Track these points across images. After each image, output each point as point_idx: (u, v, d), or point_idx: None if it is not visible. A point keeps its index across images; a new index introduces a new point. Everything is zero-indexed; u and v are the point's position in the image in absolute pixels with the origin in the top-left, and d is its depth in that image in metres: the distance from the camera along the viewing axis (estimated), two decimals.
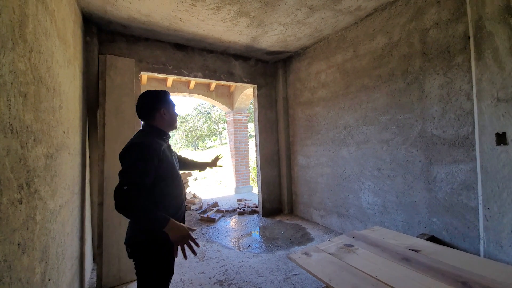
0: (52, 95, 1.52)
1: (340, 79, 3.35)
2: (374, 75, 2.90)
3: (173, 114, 1.45)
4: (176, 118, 1.48)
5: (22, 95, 1.08)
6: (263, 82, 4.39)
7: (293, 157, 4.32)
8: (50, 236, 1.39)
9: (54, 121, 1.54)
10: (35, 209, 1.19)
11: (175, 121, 1.46)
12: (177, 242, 1.16)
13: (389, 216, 2.78)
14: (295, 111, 4.24)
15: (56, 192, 1.52)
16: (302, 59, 4.04)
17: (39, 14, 1.30)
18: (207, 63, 3.81)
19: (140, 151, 1.19)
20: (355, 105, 3.14)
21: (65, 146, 1.79)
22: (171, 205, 1.32)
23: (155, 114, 1.36)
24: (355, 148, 3.16)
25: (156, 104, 1.37)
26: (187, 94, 5.91)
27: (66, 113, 1.83)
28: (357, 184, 3.13)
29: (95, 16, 2.74)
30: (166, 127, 1.41)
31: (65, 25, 1.89)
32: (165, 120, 1.40)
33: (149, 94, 1.38)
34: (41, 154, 1.28)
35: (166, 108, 1.40)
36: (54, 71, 1.58)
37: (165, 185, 1.29)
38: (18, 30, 1.06)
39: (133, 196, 1.08)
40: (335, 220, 3.48)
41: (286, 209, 4.33)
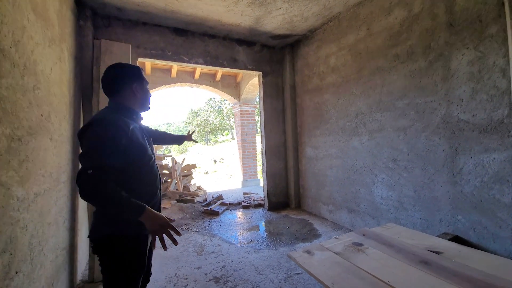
0: (22, 72, 1.37)
1: (351, 62, 3.04)
2: (390, 55, 2.57)
3: (146, 92, 1.26)
4: (150, 98, 1.28)
5: None
6: (268, 69, 4.13)
7: (301, 148, 4.06)
8: (18, 226, 1.27)
9: (25, 101, 1.41)
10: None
11: (148, 100, 1.27)
12: (156, 232, 1.01)
13: (405, 213, 2.49)
14: (302, 99, 3.96)
15: (28, 179, 1.39)
16: (310, 43, 3.74)
17: None
18: (209, 48, 3.61)
19: (104, 129, 1.02)
20: (368, 90, 2.82)
21: (45, 131, 1.66)
22: (144, 193, 1.14)
23: (125, 89, 1.17)
24: (367, 137, 2.86)
25: (127, 78, 1.18)
26: (193, 85, 5.77)
27: (46, 96, 1.70)
28: (370, 177, 2.85)
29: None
30: (138, 106, 1.23)
31: (46, 2, 1.75)
32: (137, 97, 1.21)
33: (119, 66, 1.20)
34: (0, 135, 1.14)
35: (139, 84, 1.21)
36: (26, 47, 1.43)
37: (135, 170, 1.11)
38: None
39: (100, 181, 0.93)
40: (345, 215, 3.21)
41: (293, 203, 4.11)
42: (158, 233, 1.01)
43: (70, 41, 2.37)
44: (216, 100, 24.57)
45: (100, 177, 0.93)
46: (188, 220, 3.66)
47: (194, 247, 2.78)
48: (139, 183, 1.13)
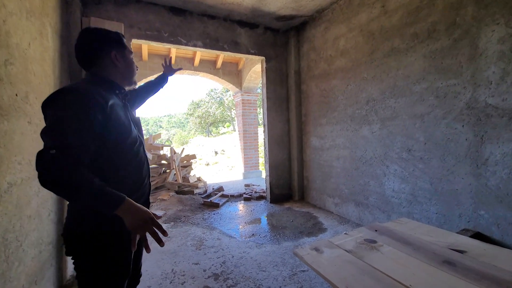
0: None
1: (363, 43, 2.79)
2: (407, 34, 2.33)
3: (130, 63, 1.05)
4: (135, 69, 1.07)
5: None
6: (272, 53, 3.88)
7: (305, 138, 3.86)
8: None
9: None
10: None
11: (133, 71, 1.06)
12: (136, 229, 0.82)
13: (419, 207, 2.31)
14: (308, 86, 3.73)
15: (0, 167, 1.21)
16: (317, 24, 3.47)
17: None
18: (208, 30, 3.36)
19: (75, 99, 0.81)
20: (381, 74, 2.59)
21: (21, 113, 1.47)
22: (126, 184, 0.95)
23: (102, 58, 0.97)
24: (379, 126, 2.65)
25: (104, 44, 0.97)
26: (192, 72, 5.52)
27: (22, 73, 1.50)
28: (380, 168, 2.65)
29: None
30: (120, 79, 1.02)
31: None
32: (119, 68, 1.00)
33: (94, 30, 0.99)
34: None
35: (119, 52, 1.00)
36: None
37: (116, 156, 0.92)
38: None
39: (66, 164, 0.72)
40: (352, 209, 3.04)
41: (296, 196, 3.95)
42: (139, 231, 0.82)
43: (55, 17, 2.15)
44: (217, 91, 24.25)
45: (66, 159, 0.73)
46: (187, 212, 3.51)
47: (192, 241, 2.63)
48: (120, 171, 0.94)
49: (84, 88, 0.85)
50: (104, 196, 0.77)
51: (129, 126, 0.97)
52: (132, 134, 0.98)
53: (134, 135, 0.99)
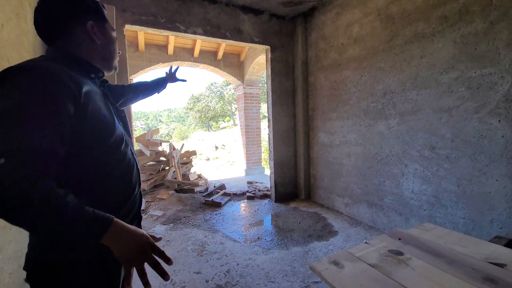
0: None
1: (380, 29, 2.53)
2: (434, 17, 2.07)
3: (111, 39, 0.80)
4: (117, 49, 0.84)
5: None
6: (278, 42, 3.61)
7: (313, 134, 3.63)
8: None
9: None
10: None
11: (114, 52, 0.81)
12: (132, 261, 0.60)
13: (443, 210, 2.10)
14: (316, 77, 3.48)
15: None
16: (328, 10, 3.20)
17: None
18: (209, 16, 3.09)
19: (33, 83, 0.56)
20: (401, 63, 2.35)
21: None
22: (109, 199, 0.72)
23: (74, 30, 0.71)
24: (397, 120, 2.42)
25: (79, 11, 0.72)
26: (192, 64, 5.25)
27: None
28: (398, 167, 2.43)
29: None
30: (97, 60, 0.77)
31: None
32: (96, 44, 0.75)
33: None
34: None
35: (98, 24, 0.75)
36: None
37: (93, 161, 0.68)
38: None
39: (22, 178, 0.49)
40: (364, 210, 2.84)
41: (302, 194, 3.74)
42: (136, 262, 0.61)
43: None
44: (217, 85, 23.91)
45: (23, 171, 0.50)
46: (187, 213, 3.31)
47: (193, 246, 2.44)
48: (101, 182, 0.70)
49: (46, 67, 0.60)
50: (83, 221, 0.55)
51: (112, 121, 0.74)
52: (117, 132, 0.74)
53: (119, 133, 0.76)
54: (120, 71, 2.59)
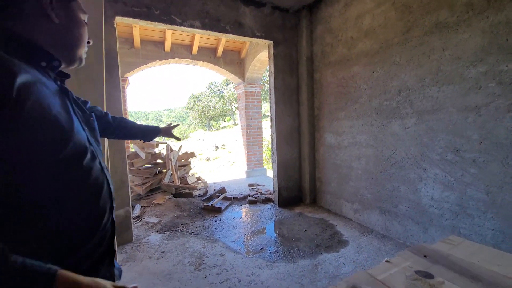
0: None
1: (396, 20, 2.31)
2: (458, 4, 1.85)
3: (76, 20, 0.61)
4: (84, 36, 0.63)
5: None
6: (281, 37, 3.39)
7: (318, 134, 3.41)
8: None
9: None
10: None
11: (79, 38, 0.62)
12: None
13: (468, 220, 1.88)
14: (322, 74, 3.26)
15: None
16: (335, 1, 2.97)
17: None
18: (207, 7, 2.87)
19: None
20: (420, 57, 2.13)
21: None
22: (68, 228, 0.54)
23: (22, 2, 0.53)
24: (414, 120, 2.20)
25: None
26: (190, 61, 5.03)
27: None
28: (415, 171, 2.22)
29: None
30: (51, 43, 0.57)
31: None
32: (53, 24, 0.57)
33: None
34: None
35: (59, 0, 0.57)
36: None
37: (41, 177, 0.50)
38: None
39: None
40: (376, 217, 2.62)
41: (307, 199, 3.53)
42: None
43: None
44: (217, 85, 23.72)
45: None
46: (185, 219, 3.10)
47: (191, 258, 2.22)
48: (55, 209, 0.52)
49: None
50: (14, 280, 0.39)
51: (68, 125, 0.55)
52: (75, 139, 0.56)
53: (80, 140, 0.58)
54: (111, 67, 2.38)
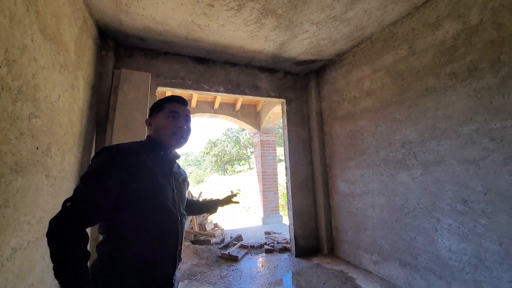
0: (14, 97, 1.15)
1: (391, 84, 2.67)
2: (443, 74, 2.18)
3: (160, 121, 1.00)
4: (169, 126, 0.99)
5: None
6: (292, 96, 3.87)
7: (332, 182, 3.56)
8: None
9: (14, 131, 1.15)
10: None
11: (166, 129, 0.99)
12: None
13: (488, 273, 1.85)
14: (331, 127, 3.58)
15: (3, 230, 1.07)
16: (338, 67, 3.47)
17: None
18: (230, 76, 3.46)
19: (104, 157, 0.85)
20: (417, 115, 2.40)
21: (40, 167, 1.39)
22: (133, 260, 0.84)
23: (149, 121, 1.04)
24: (421, 171, 2.35)
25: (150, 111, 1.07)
26: (212, 115, 5.65)
27: (47, 125, 1.47)
28: (429, 221, 2.26)
29: (112, 28, 2.57)
30: (159, 139, 1.00)
31: (60, 25, 1.62)
32: (152, 130, 1.02)
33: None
34: None
35: (153, 116, 1.03)
36: (25, 69, 1.23)
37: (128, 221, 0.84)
38: None
39: (66, 219, 0.72)
40: (397, 270, 2.56)
41: (325, 249, 3.48)
42: None
43: (89, 70, 2.26)
44: (233, 131, 24.93)
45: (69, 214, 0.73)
46: (203, 267, 3.15)
47: None
48: (130, 242, 0.84)
49: (119, 146, 0.89)
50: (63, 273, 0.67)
51: (160, 190, 0.91)
52: (159, 199, 0.90)
53: (162, 201, 0.91)
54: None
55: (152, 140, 1.00)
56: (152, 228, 0.87)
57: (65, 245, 0.69)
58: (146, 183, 0.87)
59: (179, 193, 1.01)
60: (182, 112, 1.01)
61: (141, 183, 0.85)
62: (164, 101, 1.03)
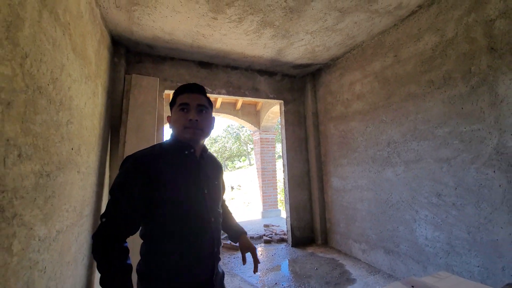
0: (58, 108, 1.41)
1: (379, 88, 2.92)
2: (423, 81, 2.43)
3: (178, 115, 0.95)
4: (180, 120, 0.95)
5: (4, 103, 0.94)
6: (290, 97, 4.12)
7: (326, 178, 3.83)
8: (36, 268, 1.18)
9: (58, 136, 1.42)
10: (12, 237, 1.00)
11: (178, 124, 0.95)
12: None
13: (458, 258, 2.13)
14: (326, 127, 3.84)
15: (51, 216, 1.34)
16: (332, 71, 3.71)
17: (43, 22, 1.22)
18: (231, 79, 3.70)
19: (125, 168, 0.86)
20: (400, 117, 2.65)
21: (73, 164, 1.66)
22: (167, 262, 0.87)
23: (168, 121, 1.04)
24: (403, 168, 2.61)
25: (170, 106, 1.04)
26: (214, 114, 5.89)
27: (78, 129, 1.73)
28: (409, 213, 2.54)
29: (124, 38, 2.81)
30: (178, 135, 0.97)
31: (85, 42, 1.87)
32: (171, 124, 1.00)
33: None
34: (29, 172, 1.11)
35: (171, 112, 1.01)
36: (63, 84, 1.49)
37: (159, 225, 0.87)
38: (5, 31, 0.94)
39: (103, 234, 0.79)
40: (382, 257, 2.84)
41: (319, 239, 3.77)
42: None
43: (105, 77, 2.51)
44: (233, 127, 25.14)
45: (104, 231, 0.79)
46: None
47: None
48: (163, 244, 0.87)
49: (138, 155, 0.88)
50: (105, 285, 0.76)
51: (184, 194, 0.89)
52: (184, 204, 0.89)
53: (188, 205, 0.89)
54: (158, 124, 3.10)
55: (174, 138, 0.97)
56: (180, 232, 0.87)
57: (105, 259, 0.76)
58: (168, 189, 0.86)
59: (210, 192, 0.97)
60: (193, 102, 0.93)
61: (163, 190, 0.85)
62: (176, 94, 0.98)
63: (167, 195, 0.86)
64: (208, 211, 0.94)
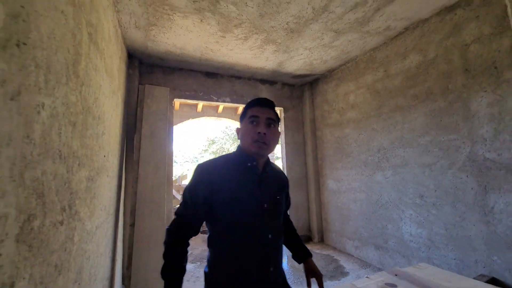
0: (97, 122, 1.67)
1: (371, 99, 3.22)
2: (409, 95, 2.74)
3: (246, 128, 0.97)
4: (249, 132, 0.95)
5: (72, 124, 1.20)
6: (289, 104, 4.41)
7: (322, 181, 4.12)
8: (85, 257, 1.44)
9: (97, 146, 1.68)
10: (74, 230, 1.26)
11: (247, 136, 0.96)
12: None
13: (438, 252, 2.43)
14: (323, 133, 4.13)
15: (93, 213, 1.60)
16: (329, 81, 4.01)
17: (91, 53, 1.48)
18: (235, 88, 3.97)
19: (194, 175, 0.97)
20: (389, 126, 2.95)
21: (105, 169, 1.91)
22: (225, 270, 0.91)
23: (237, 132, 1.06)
24: (391, 172, 2.91)
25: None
26: (216, 118, 6.16)
27: (107, 138, 1.99)
28: (396, 212, 2.84)
29: (138, 52, 3.07)
30: (244, 147, 0.99)
31: (112, 61, 2.13)
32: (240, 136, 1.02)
33: None
34: (83, 177, 1.37)
35: (241, 124, 1.03)
36: (100, 101, 1.75)
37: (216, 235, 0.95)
38: (71, 67, 1.20)
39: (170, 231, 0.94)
40: (372, 252, 3.14)
41: (316, 237, 4.06)
42: None
43: (123, 89, 2.77)
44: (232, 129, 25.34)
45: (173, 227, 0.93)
46: None
47: None
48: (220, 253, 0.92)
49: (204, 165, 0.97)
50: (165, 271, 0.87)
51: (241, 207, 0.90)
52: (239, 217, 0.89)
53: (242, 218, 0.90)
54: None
55: (240, 150, 0.99)
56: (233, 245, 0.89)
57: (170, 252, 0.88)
58: (226, 200, 0.89)
59: (270, 206, 0.95)
60: (262, 116, 0.94)
61: (221, 200, 0.89)
62: (247, 107, 0.99)
63: (224, 205, 0.90)
64: (265, 226, 0.92)
